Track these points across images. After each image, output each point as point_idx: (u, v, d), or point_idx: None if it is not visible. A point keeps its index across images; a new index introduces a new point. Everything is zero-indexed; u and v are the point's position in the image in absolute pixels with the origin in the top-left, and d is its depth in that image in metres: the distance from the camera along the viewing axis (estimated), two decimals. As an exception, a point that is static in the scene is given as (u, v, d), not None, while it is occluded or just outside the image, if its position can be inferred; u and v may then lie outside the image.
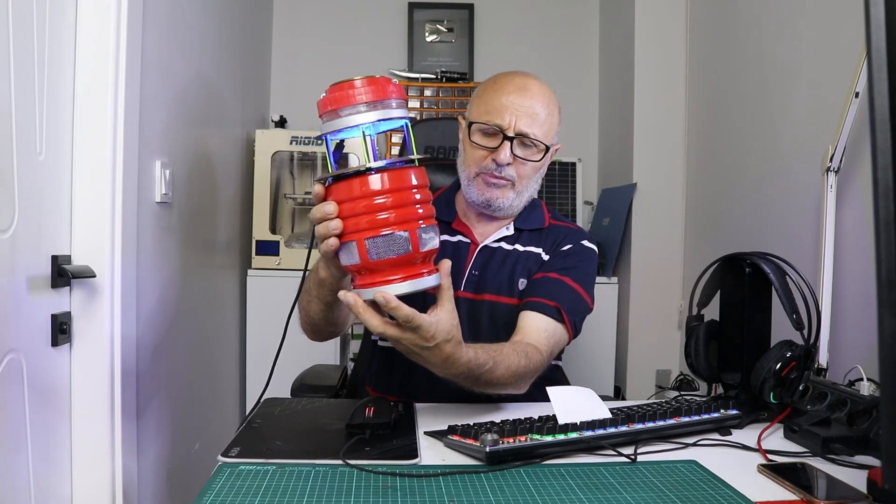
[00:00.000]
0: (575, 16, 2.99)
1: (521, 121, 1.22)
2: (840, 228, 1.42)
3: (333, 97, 0.90)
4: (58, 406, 1.27)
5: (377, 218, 0.88)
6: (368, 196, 0.88)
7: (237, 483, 0.80)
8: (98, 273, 1.29)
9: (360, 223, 0.88)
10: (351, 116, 0.89)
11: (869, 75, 0.63)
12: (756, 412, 1.09)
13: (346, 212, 0.89)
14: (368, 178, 0.88)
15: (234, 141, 2.30)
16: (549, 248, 1.32)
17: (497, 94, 1.24)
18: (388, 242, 0.88)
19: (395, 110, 0.92)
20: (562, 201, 2.77)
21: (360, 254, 0.89)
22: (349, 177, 0.89)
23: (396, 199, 0.88)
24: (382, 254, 0.88)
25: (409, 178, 0.90)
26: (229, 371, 2.29)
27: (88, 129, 1.30)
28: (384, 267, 0.89)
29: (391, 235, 0.88)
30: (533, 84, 1.26)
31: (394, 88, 0.92)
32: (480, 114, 1.25)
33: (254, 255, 2.39)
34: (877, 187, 0.62)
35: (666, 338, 2.47)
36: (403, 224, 0.88)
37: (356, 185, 0.89)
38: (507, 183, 1.26)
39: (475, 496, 0.77)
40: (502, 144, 1.22)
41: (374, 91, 0.90)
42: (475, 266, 1.30)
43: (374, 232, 0.88)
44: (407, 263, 0.89)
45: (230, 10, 2.20)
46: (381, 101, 0.90)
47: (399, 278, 0.89)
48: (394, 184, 0.89)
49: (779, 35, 1.81)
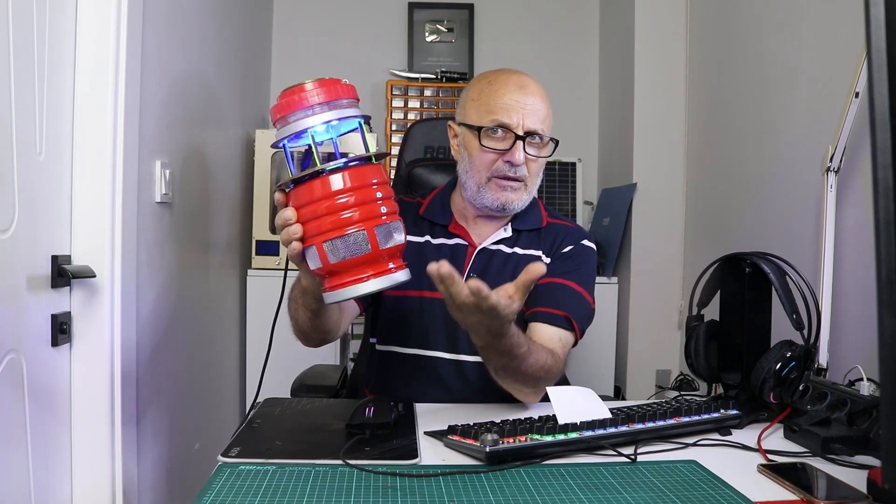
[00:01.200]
0: (575, 16, 2.99)
1: (528, 118, 1.21)
2: (840, 228, 1.42)
3: (282, 103, 0.90)
4: (58, 406, 1.27)
5: (332, 220, 0.87)
6: (321, 199, 0.88)
7: (237, 483, 0.80)
8: (98, 273, 1.29)
9: (317, 227, 0.88)
10: (300, 121, 0.89)
11: (869, 75, 0.63)
12: (756, 412, 1.09)
13: (304, 216, 0.89)
14: (319, 180, 0.88)
15: (234, 141, 2.30)
16: (549, 248, 1.32)
17: (498, 94, 1.23)
18: (346, 244, 0.87)
19: (346, 109, 0.91)
20: (562, 201, 2.77)
21: (320, 257, 0.89)
22: (303, 181, 0.89)
23: (349, 199, 0.88)
24: (342, 255, 0.88)
25: (360, 176, 0.89)
26: (229, 371, 2.29)
27: (88, 129, 1.29)
28: (347, 268, 0.89)
29: (347, 236, 0.87)
30: (529, 81, 1.26)
31: (342, 88, 0.92)
32: (483, 115, 1.23)
33: (254, 255, 2.39)
34: (877, 187, 0.62)
35: (666, 338, 2.47)
36: (360, 223, 0.87)
37: (309, 189, 0.88)
38: (520, 184, 1.25)
39: (475, 496, 0.77)
40: (515, 145, 1.21)
41: (323, 92, 0.89)
42: (474, 269, 1.29)
43: (330, 234, 0.87)
44: (370, 262, 0.89)
45: (230, 10, 2.20)
46: (331, 102, 0.90)
47: (366, 277, 0.89)
48: (346, 184, 0.88)
49: (779, 35, 1.81)
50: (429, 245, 1.32)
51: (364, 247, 0.87)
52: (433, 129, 1.77)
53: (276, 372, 1.11)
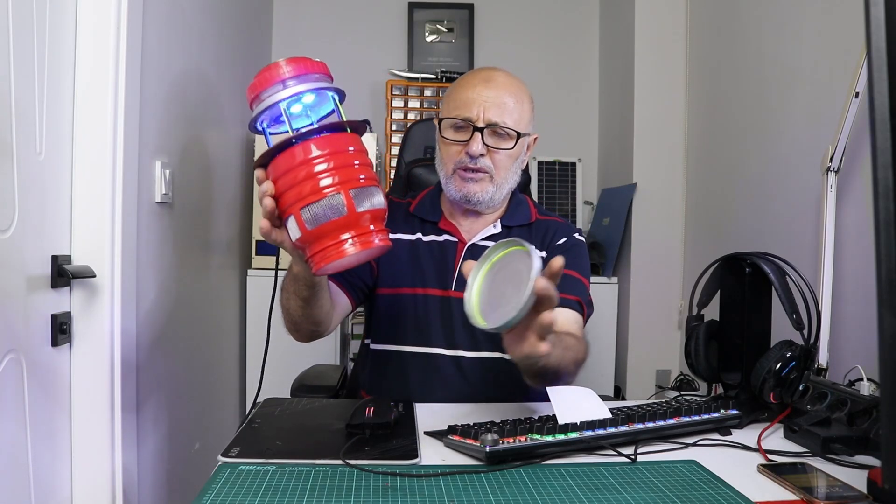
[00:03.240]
0: (575, 16, 2.99)
1: (489, 111, 1.22)
2: (840, 228, 1.42)
3: (254, 82, 0.92)
4: (58, 406, 1.27)
5: (307, 186, 0.87)
6: (295, 167, 0.87)
7: (237, 483, 0.80)
8: (98, 273, 1.29)
9: (294, 195, 0.88)
10: (271, 96, 0.91)
11: (869, 75, 0.63)
12: (756, 412, 1.09)
13: (281, 188, 0.89)
14: (292, 149, 0.88)
15: (234, 141, 2.30)
16: (540, 243, 1.33)
17: (464, 88, 1.25)
18: (322, 208, 0.86)
19: (317, 83, 0.92)
20: (562, 201, 2.78)
21: (299, 226, 0.88)
22: (276, 154, 0.89)
23: (323, 165, 0.87)
24: (319, 219, 0.87)
25: (333, 142, 0.89)
26: (229, 371, 2.29)
27: (88, 129, 1.30)
28: (326, 233, 0.87)
29: (322, 200, 0.86)
30: (498, 75, 1.26)
31: (312, 64, 0.93)
32: (450, 109, 1.26)
33: (254, 255, 2.39)
34: (877, 187, 0.62)
35: (666, 338, 2.47)
36: (334, 187, 0.86)
37: (283, 159, 0.88)
38: (484, 175, 1.25)
39: (475, 496, 0.77)
40: (473, 136, 1.22)
41: (292, 67, 0.91)
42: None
43: (306, 200, 0.87)
44: (349, 225, 0.88)
45: (230, 10, 2.20)
46: (301, 76, 0.91)
47: (345, 240, 0.87)
48: (319, 150, 0.88)
49: (779, 35, 1.81)
50: (420, 242, 1.33)
51: (341, 209, 0.86)
52: (433, 129, 1.76)
53: (276, 372, 1.11)
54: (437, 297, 1.29)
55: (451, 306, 1.28)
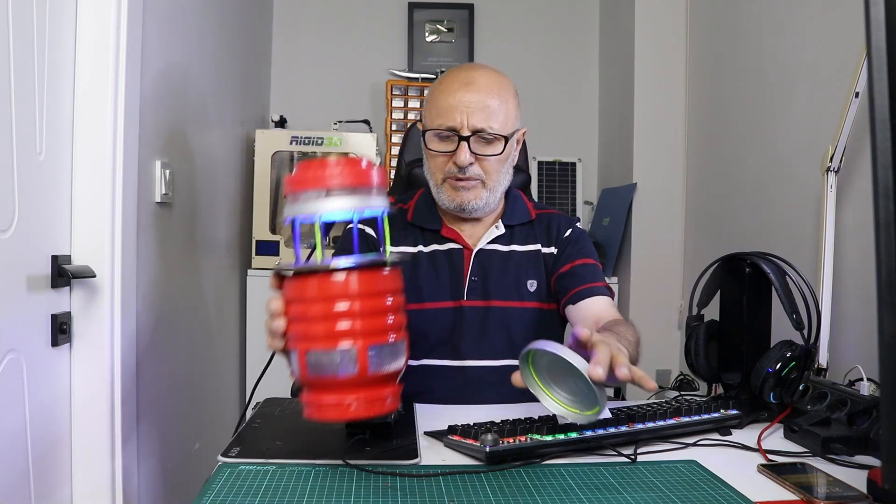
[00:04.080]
0: (575, 16, 2.99)
1: (473, 117, 1.18)
2: (840, 228, 1.42)
3: (295, 177, 0.77)
4: (58, 406, 1.27)
5: (318, 328, 0.73)
6: (312, 300, 0.74)
7: (237, 483, 0.80)
8: (98, 273, 1.29)
9: (303, 330, 0.75)
10: (310, 203, 0.75)
11: (869, 75, 0.63)
12: (756, 412, 1.09)
13: (292, 313, 0.76)
14: (314, 279, 0.74)
15: (234, 141, 2.30)
16: (547, 238, 1.32)
17: (444, 94, 1.21)
18: (330, 359, 0.73)
19: (368, 198, 0.77)
20: (562, 201, 2.77)
21: (300, 366, 0.75)
22: (299, 275, 0.75)
23: (344, 307, 0.73)
24: (324, 370, 0.74)
25: (366, 282, 0.74)
26: (229, 371, 2.29)
27: (88, 129, 1.30)
28: (327, 386, 0.74)
29: (331, 352, 0.73)
30: (478, 76, 1.21)
31: (365, 173, 0.77)
32: (433, 119, 1.22)
33: (254, 255, 2.39)
34: (877, 187, 0.62)
35: (666, 338, 2.47)
36: (350, 339, 0.73)
37: (301, 286, 0.75)
38: (476, 183, 1.22)
39: (475, 496, 0.77)
40: (460, 146, 1.19)
41: (346, 175, 0.75)
42: (474, 272, 1.28)
43: (312, 344, 0.74)
44: (356, 387, 0.74)
45: (230, 10, 2.20)
46: (355, 188, 0.75)
47: (347, 404, 0.74)
48: (344, 288, 0.73)
49: (779, 35, 1.81)
50: (421, 255, 1.30)
51: (350, 367, 0.73)
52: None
53: (276, 372, 1.10)
54: (443, 310, 1.26)
55: (463, 316, 1.26)
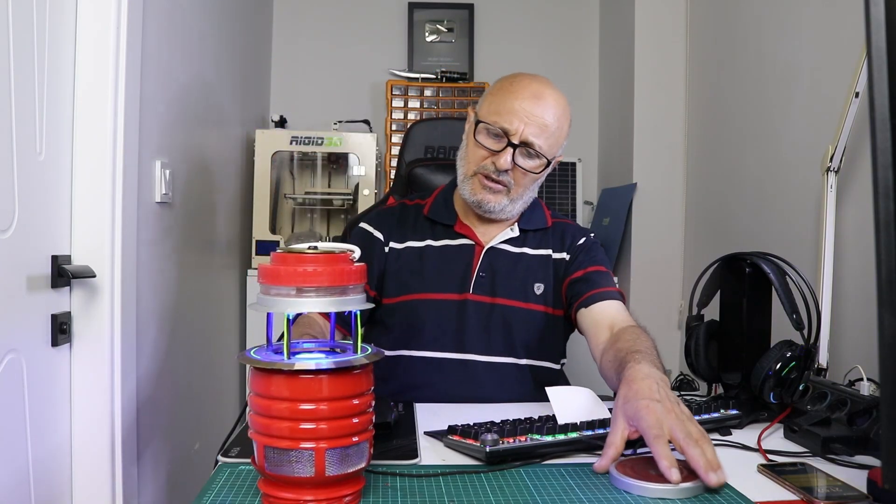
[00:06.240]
0: (575, 16, 2.99)
1: (528, 129, 1.20)
2: (840, 228, 1.42)
3: (270, 269, 0.72)
4: (58, 406, 1.27)
5: (277, 426, 0.70)
6: (270, 398, 0.71)
7: (237, 483, 0.80)
8: (98, 273, 1.29)
9: (263, 425, 0.71)
10: (280, 301, 0.72)
11: (869, 75, 0.63)
12: (756, 412, 1.09)
13: (254, 405, 0.72)
14: (277, 377, 0.70)
15: (234, 141, 2.30)
16: (560, 245, 1.33)
17: (510, 96, 1.22)
18: (286, 458, 0.70)
19: (339, 297, 0.72)
20: (562, 201, 2.77)
21: (258, 457, 0.72)
22: (261, 369, 0.72)
23: (307, 408, 0.70)
24: (280, 468, 0.70)
25: (335, 385, 0.70)
26: (229, 371, 2.29)
27: (88, 129, 1.30)
28: (284, 483, 0.71)
29: (289, 451, 0.70)
30: (548, 93, 1.23)
31: (344, 271, 0.72)
32: (489, 113, 1.23)
33: (254, 255, 2.39)
34: (877, 187, 0.62)
35: (666, 338, 2.47)
36: (308, 441, 0.69)
37: (265, 382, 0.71)
38: (503, 188, 1.24)
39: (475, 496, 0.77)
40: (505, 150, 1.21)
41: (318, 275, 0.71)
42: (482, 268, 1.29)
43: (271, 441, 0.70)
44: (312, 488, 0.71)
45: (230, 10, 2.20)
46: (328, 288, 0.72)
47: (307, 501, 0.70)
48: (310, 391, 0.70)
49: (779, 35, 1.81)
50: (430, 249, 1.32)
51: (306, 469, 0.69)
52: (433, 129, 1.77)
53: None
54: (448, 302, 1.28)
55: (466, 309, 1.27)
